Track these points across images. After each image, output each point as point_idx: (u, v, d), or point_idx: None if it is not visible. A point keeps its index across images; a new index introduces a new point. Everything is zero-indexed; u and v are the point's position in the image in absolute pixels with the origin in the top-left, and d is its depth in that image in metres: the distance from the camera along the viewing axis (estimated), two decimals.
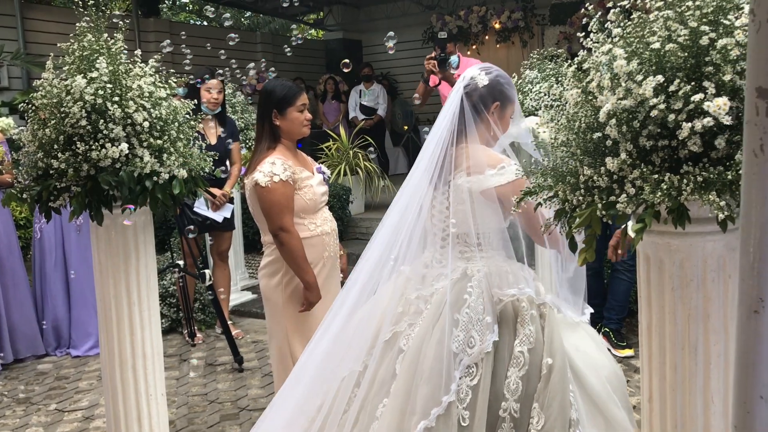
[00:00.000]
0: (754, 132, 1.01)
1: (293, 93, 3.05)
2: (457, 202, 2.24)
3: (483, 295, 2.17)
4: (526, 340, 2.12)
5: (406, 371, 2.15)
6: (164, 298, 5.12)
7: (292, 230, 2.92)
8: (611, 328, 4.45)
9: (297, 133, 3.08)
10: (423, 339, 2.14)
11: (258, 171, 2.92)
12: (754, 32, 1.00)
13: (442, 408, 2.04)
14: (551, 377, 2.09)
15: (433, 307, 2.19)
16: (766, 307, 1.04)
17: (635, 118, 1.49)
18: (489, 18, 11.34)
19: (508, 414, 2.08)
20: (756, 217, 1.03)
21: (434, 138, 2.27)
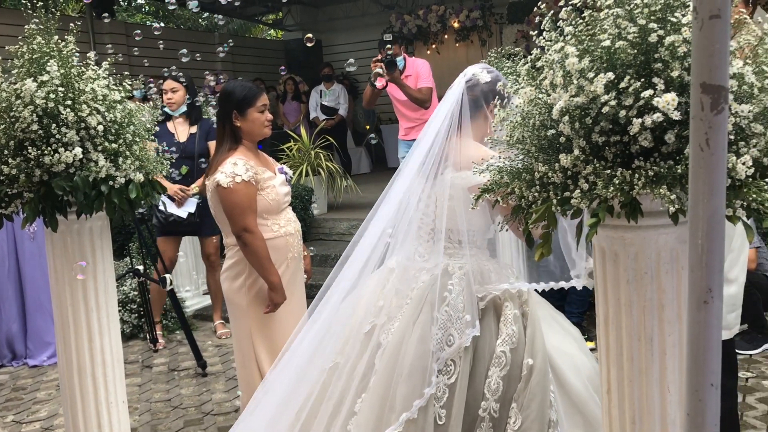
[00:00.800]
0: (699, 127, 1.04)
1: (253, 94, 3.02)
2: (445, 197, 2.23)
3: (463, 293, 2.17)
4: (509, 339, 2.13)
5: (385, 367, 2.14)
6: (125, 304, 5.03)
7: (256, 231, 2.89)
8: (573, 321, 4.50)
9: (258, 134, 3.06)
10: (403, 335, 2.14)
11: (219, 172, 2.89)
12: (698, 29, 1.03)
13: (423, 400, 2.04)
14: (531, 378, 2.10)
15: (413, 303, 2.18)
16: (715, 297, 1.07)
17: (588, 115, 1.51)
18: (448, 17, 11.40)
19: (488, 414, 2.08)
20: (703, 210, 1.06)
21: (433, 129, 2.26)
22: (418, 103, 5.47)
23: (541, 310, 2.32)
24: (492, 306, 2.20)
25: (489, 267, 2.27)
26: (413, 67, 5.62)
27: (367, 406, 2.12)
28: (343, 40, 13.12)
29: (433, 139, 2.25)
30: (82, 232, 2.49)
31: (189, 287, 5.59)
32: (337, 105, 9.83)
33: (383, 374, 2.12)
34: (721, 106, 1.03)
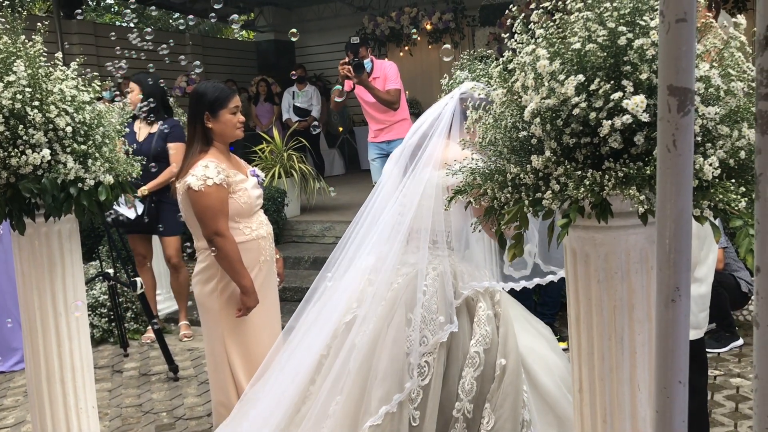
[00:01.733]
0: (667, 128, 1.06)
1: (225, 95, 2.99)
2: (424, 197, 2.26)
3: (437, 294, 2.18)
4: (483, 340, 2.14)
5: (358, 370, 2.14)
6: (95, 308, 4.96)
7: (228, 234, 2.87)
8: (545, 322, 4.53)
9: (230, 136, 3.03)
10: (377, 337, 2.14)
11: (191, 175, 2.86)
12: (664, 33, 1.04)
13: (404, 395, 2.05)
14: (504, 378, 2.12)
15: (387, 304, 2.19)
16: (683, 296, 1.09)
17: (558, 117, 1.53)
18: (420, 19, 11.44)
19: (462, 414, 2.09)
20: (671, 209, 1.07)
21: (418, 131, 2.31)
22: (387, 104, 5.49)
23: (513, 311, 2.35)
24: (465, 307, 2.22)
25: (462, 269, 2.29)
26: (381, 69, 5.64)
27: (342, 409, 2.12)
28: (315, 42, 13.09)
29: (416, 141, 2.32)
30: (50, 235, 2.45)
31: (160, 290, 5.52)
32: (310, 106, 9.80)
33: (357, 377, 2.12)
34: (688, 108, 1.05)
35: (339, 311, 2.27)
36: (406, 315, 2.14)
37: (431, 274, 2.21)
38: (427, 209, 2.24)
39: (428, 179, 2.25)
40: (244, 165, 3.19)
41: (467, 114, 2.25)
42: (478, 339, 2.15)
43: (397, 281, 2.23)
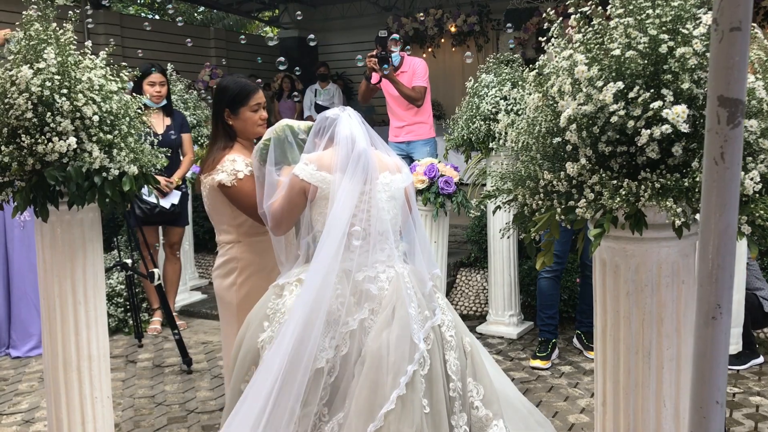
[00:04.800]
0: (715, 140, 1.02)
1: (247, 92, 2.95)
2: (383, 200, 2.36)
3: (416, 289, 2.30)
4: (450, 324, 2.33)
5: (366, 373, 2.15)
6: (111, 298, 4.97)
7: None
8: (583, 330, 4.48)
9: (252, 133, 3.00)
10: (380, 339, 2.16)
11: (220, 171, 2.82)
12: (717, 42, 1.01)
13: (401, 389, 2.12)
14: (473, 353, 2.33)
15: (385, 310, 2.23)
16: (724, 313, 1.06)
17: (595, 124, 1.50)
18: (445, 21, 11.41)
19: (456, 393, 2.25)
20: (715, 224, 1.04)
21: (346, 147, 2.38)
22: (410, 100, 5.47)
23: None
24: (432, 294, 2.38)
25: (412, 265, 2.43)
26: (410, 65, 5.63)
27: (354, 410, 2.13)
28: (339, 40, 13.09)
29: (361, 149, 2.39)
30: (72, 223, 2.45)
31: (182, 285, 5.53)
32: (332, 104, 9.80)
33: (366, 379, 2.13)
34: (738, 120, 1.01)
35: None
36: (406, 310, 2.22)
37: (405, 273, 2.32)
38: (388, 212, 2.37)
39: (388, 183, 2.38)
40: None
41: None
42: (448, 324, 2.31)
43: (385, 287, 2.29)
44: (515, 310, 4.91)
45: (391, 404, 2.06)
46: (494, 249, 4.80)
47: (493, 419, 2.25)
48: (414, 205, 2.51)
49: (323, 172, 2.41)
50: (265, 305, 2.48)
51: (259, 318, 2.47)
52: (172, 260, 5.10)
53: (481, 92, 4.57)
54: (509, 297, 4.86)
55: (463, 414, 2.25)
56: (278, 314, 2.40)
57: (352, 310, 2.24)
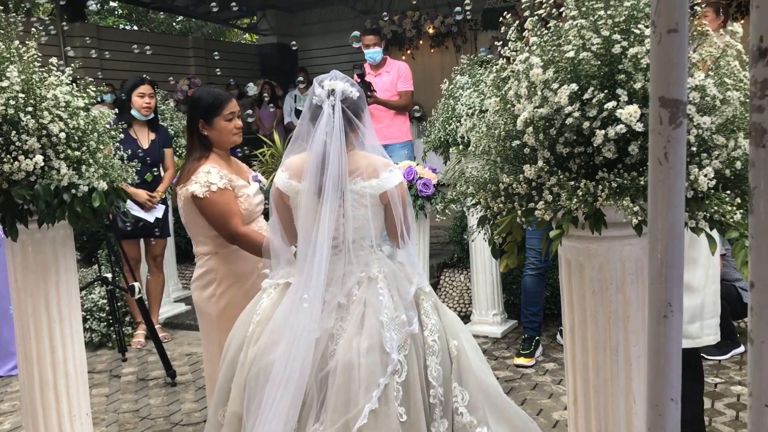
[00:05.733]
0: (658, 140, 1.04)
1: (220, 101, 2.95)
2: (356, 207, 2.31)
3: (392, 294, 2.27)
4: (434, 329, 2.28)
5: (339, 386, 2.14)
6: (93, 313, 4.95)
7: (243, 231, 2.84)
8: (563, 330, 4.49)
9: (226, 143, 3.00)
10: (350, 349, 2.15)
11: (194, 182, 2.82)
12: (656, 43, 1.02)
13: (373, 403, 2.09)
14: (460, 357, 2.27)
15: (354, 317, 2.21)
16: (675, 311, 1.07)
17: (552, 126, 1.51)
18: (423, 23, 11.44)
19: (437, 399, 2.21)
20: (662, 223, 1.05)
21: (317, 152, 2.30)
22: (402, 110, 5.58)
23: None
24: (413, 302, 2.33)
25: (395, 267, 2.38)
26: (394, 65, 5.69)
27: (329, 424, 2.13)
28: (317, 45, 13.09)
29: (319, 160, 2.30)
30: (43, 241, 2.43)
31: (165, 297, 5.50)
32: None
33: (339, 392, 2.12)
34: (680, 120, 1.02)
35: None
36: (377, 318, 2.19)
37: (380, 277, 2.28)
38: (363, 218, 2.31)
39: (358, 190, 2.31)
40: (246, 170, 3.17)
41: (351, 118, 2.33)
42: (431, 329, 2.26)
43: (353, 292, 2.27)
44: (499, 308, 4.92)
45: (364, 419, 2.04)
46: (476, 249, 4.82)
47: (477, 426, 2.19)
48: (398, 208, 2.35)
49: (293, 181, 2.41)
50: (249, 317, 2.48)
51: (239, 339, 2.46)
52: (156, 273, 5.09)
53: (456, 94, 4.59)
54: (492, 296, 4.88)
55: (444, 420, 2.21)
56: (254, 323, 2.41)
57: (317, 317, 2.23)
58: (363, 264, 2.34)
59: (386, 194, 2.32)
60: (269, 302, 2.44)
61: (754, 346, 1.04)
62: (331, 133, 2.31)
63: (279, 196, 2.46)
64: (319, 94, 2.36)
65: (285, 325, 2.31)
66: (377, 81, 5.66)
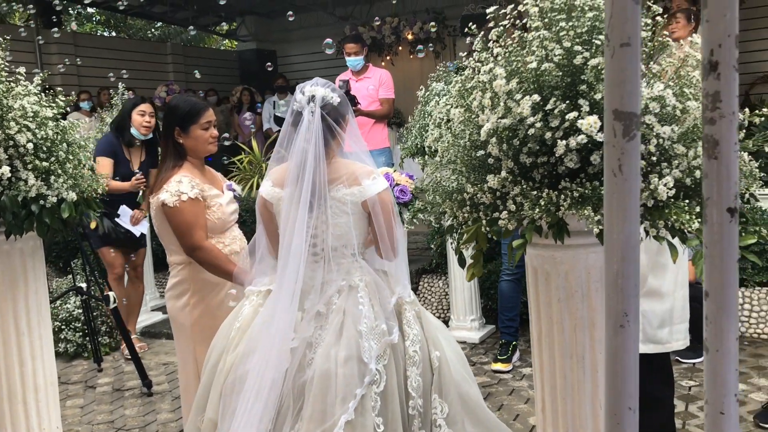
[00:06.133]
0: (612, 153, 1.05)
1: (197, 109, 2.96)
2: (337, 215, 2.29)
3: (373, 303, 2.25)
4: (416, 339, 2.26)
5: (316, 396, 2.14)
6: (68, 323, 4.90)
7: (205, 245, 2.83)
8: None
9: (202, 151, 3.00)
10: (327, 359, 2.14)
11: (164, 191, 2.82)
12: (609, 57, 1.03)
13: (349, 414, 2.08)
14: (442, 367, 2.25)
15: (332, 326, 2.20)
16: (631, 321, 1.08)
17: (516, 136, 1.52)
18: (402, 29, 11.47)
19: (416, 411, 2.19)
20: (617, 234, 1.06)
21: (297, 159, 2.29)
22: (384, 118, 5.63)
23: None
24: (394, 311, 2.31)
25: (378, 276, 2.36)
26: (375, 73, 5.72)
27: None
28: (297, 51, 13.08)
29: (299, 169, 2.29)
30: (12, 252, 2.40)
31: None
32: None
33: (315, 401, 2.11)
34: (633, 133, 1.04)
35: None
36: (356, 328, 2.17)
37: (361, 286, 2.27)
38: (344, 226, 2.29)
39: (340, 197, 2.29)
40: (220, 179, 3.16)
41: (331, 124, 2.31)
42: (412, 339, 2.24)
43: (333, 301, 2.26)
44: (476, 314, 4.94)
45: (340, 429, 2.03)
46: (453, 255, 4.83)
47: None
48: (379, 218, 2.30)
49: (277, 188, 2.41)
50: (231, 323, 2.47)
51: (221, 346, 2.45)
52: (136, 282, 5.07)
53: (431, 100, 4.60)
54: (470, 301, 4.89)
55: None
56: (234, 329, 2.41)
57: (295, 325, 2.23)
58: (344, 272, 2.32)
59: (367, 202, 2.29)
60: (251, 309, 2.43)
61: (709, 355, 1.05)
62: (310, 139, 2.29)
63: (263, 203, 2.46)
64: (300, 101, 2.35)
65: (263, 332, 2.30)
66: (358, 87, 5.68)
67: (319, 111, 2.30)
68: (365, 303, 2.23)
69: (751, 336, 4.57)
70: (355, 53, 5.67)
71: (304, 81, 2.52)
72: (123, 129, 4.63)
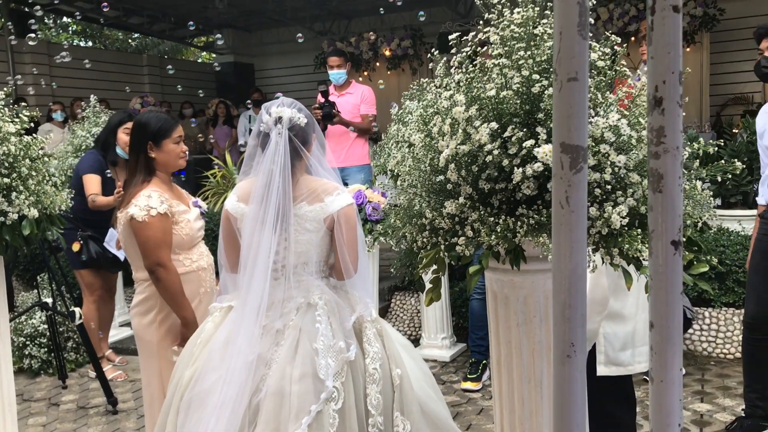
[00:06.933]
0: (560, 185, 1.06)
1: (169, 125, 2.98)
2: (299, 232, 2.30)
3: (331, 321, 2.25)
4: (376, 357, 2.26)
5: (271, 412, 2.13)
6: (33, 338, 4.81)
7: (170, 266, 2.82)
8: None
9: (173, 166, 3.01)
10: (282, 377, 2.13)
11: (133, 205, 2.80)
12: (557, 91, 1.05)
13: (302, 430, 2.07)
14: (403, 384, 2.25)
15: (287, 343, 2.20)
16: (578, 351, 1.09)
17: (475, 162, 1.54)
18: (379, 45, 11.53)
19: (376, 428, 2.19)
20: (564, 264, 1.08)
21: (264, 180, 2.29)
22: (363, 133, 5.67)
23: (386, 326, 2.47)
24: (353, 329, 2.31)
25: (337, 296, 2.36)
26: (357, 89, 5.76)
27: None
28: (275, 65, 13.09)
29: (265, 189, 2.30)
30: None
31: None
32: None
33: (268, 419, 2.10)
34: (580, 165, 1.05)
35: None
36: (311, 345, 2.17)
37: (320, 304, 2.27)
38: (306, 244, 2.30)
39: (302, 215, 2.30)
40: (186, 196, 3.16)
41: (298, 146, 2.32)
42: (373, 357, 2.24)
43: (290, 318, 2.25)
44: (448, 332, 4.95)
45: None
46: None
47: None
48: (342, 231, 2.31)
49: (242, 204, 2.41)
50: (195, 340, 2.45)
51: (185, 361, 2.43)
52: (108, 301, 4.95)
53: (405, 119, 4.62)
54: (441, 319, 4.90)
55: None
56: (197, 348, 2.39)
57: (254, 342, 2.22)
58: (304, 290, 2.32)
59: (330, 218, 2.30)
60: (212, 325, 2.42)
61: (654, 385, 1.07)
62: (277, 161, 2.30)
63: (227, 217, 2.45)
64: (266, 122, 2.35)
65: (222, 348, 2.29)
66: (340, 102, 5.70)
67: (286, 133, 2.31)
68: (323, 321, 2.23)
69: (717, 356, 4.62)
70: (338, 66, 5.70)
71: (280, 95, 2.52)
72: (107, 147, 4.53)
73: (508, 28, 1.61)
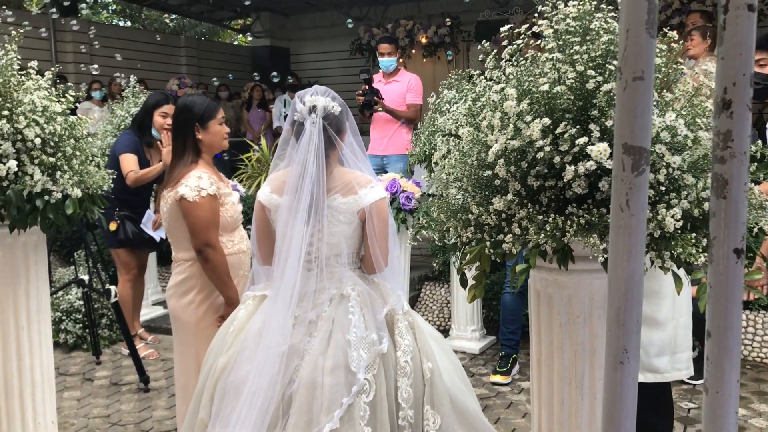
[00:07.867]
0: (620, 187, 1.03)
1: (213, 107, 3.03)
2: (332, 224, 2.30)
3: (364, 312, 2.25)
4: (408, 350, 2.24)
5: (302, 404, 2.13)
6: (69, 314, 4.90)
7: (218, 246, 2.85)
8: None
9: (218, 146, 3.06)
10: (314, 368, 2.13)
11: (183, 185, 2.83)
12: (621, 91, 1.02)
13: (334, 423, 2.07)
14: (434, 378, 2.23)
15: (320, 334, 2.20)
16: (631, 358, 1.06)
17: (524, 158, 1.51)
18: (416, 32, 11.45)
19: (406, 422, 2.18)
20: (622, 269, 1.05)
21: (298, 170, 2.29)
22: (409, 121, 5.64)
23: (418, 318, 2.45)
24: (385, 321, 2.30)
25: (371, 287, 2.36)
26: (405, 77, 5.74)
27: None
28: (310, 49, 13.09)
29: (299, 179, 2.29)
30: (15, 246, 2.41)
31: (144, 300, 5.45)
32: None
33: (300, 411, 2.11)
34: (642, 168, 1.02)
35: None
36: (344, 337, 2.17)
37: (353, 295, 2.26)
38: (339, 235, 2.30)
39: (336, 206, 2.29)
40: (224, 179, 3.18)
41: (332, 135, 2.31)
42: (404, 349, 2.23)
43: (323, 309, 2.26)
44: (477, 324, 4.92)
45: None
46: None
47: None
48: (373, 224, 2.30)
49: (275, 195, 2.41)
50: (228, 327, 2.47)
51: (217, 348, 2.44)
52: (140, 279, 5.01)
53: (443, 108, 4.59)
54: (472, 311, 4.87)
55: None
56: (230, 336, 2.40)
57: (286, 333, 2.22)
58: (337, 281, 2.32)
59: (363, 211, 2.30)
60: (245, 313, 2.43)
61: (708, 396, 1.04)
62: (311, 151, 2.29)
63: (260, 208, 2.46)
64: (300, 111, 2.35)
65: (255, 338, 2.30)
66: (387, 89, 5.68)
67: (321, 122, 2.30)
68: (356, 312, 2.22)
69: (753, 360, 4.53)
70: (389, 54, 5.68)
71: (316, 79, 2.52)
72: (143, 128, 4.58)
73: (564, 21, 1.57)
